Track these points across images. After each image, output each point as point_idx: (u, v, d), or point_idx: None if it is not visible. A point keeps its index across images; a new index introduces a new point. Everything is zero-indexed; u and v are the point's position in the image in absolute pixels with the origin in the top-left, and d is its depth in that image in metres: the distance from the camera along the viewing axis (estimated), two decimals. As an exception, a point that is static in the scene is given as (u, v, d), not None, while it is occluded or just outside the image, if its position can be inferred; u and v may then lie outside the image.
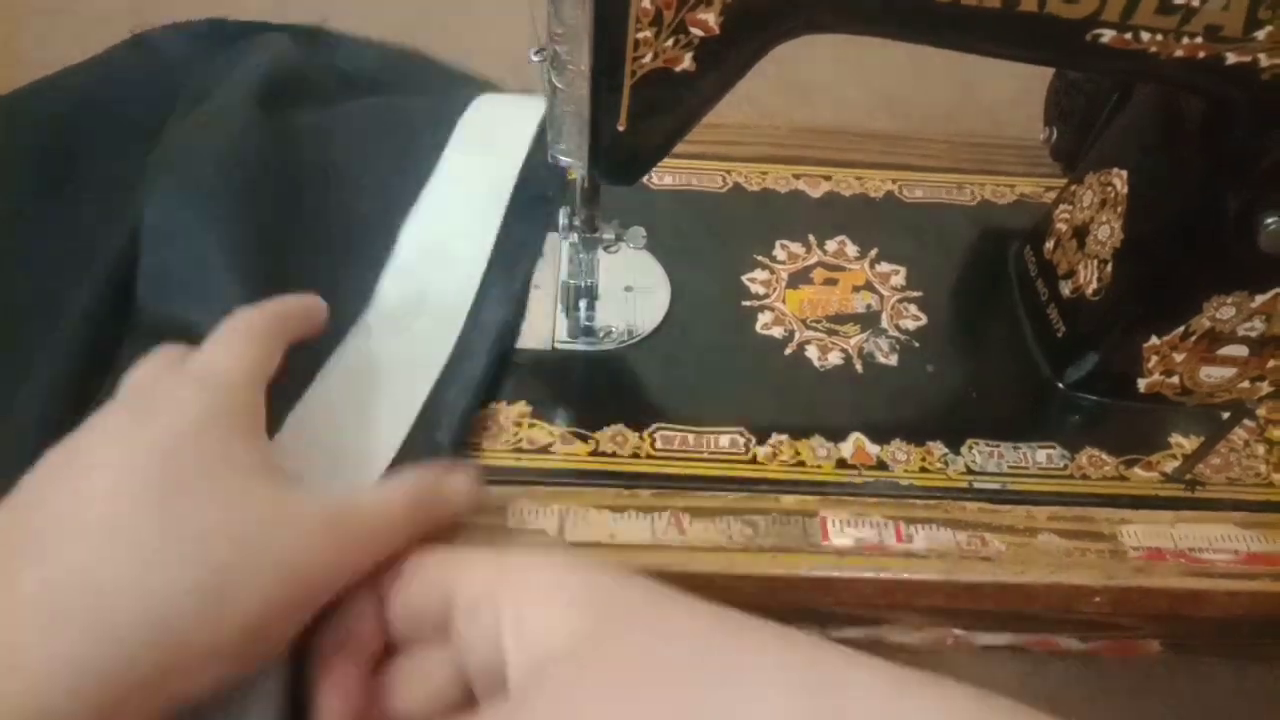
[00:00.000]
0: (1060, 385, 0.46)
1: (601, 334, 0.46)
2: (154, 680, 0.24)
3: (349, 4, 0.77)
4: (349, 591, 0.29)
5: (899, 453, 0.43)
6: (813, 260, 0.51)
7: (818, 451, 0.43)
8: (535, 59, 0.36)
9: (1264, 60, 0.33)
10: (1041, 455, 0.43)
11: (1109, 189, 0.44)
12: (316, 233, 0.43)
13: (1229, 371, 0.44)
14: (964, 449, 0.43)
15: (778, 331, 0.48)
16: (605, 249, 0.44)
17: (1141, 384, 0.45)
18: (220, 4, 0.76)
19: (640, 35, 0.33)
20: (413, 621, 0.29)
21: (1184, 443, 0.45)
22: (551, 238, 0.48)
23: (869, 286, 0.50)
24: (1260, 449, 0.45)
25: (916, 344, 0.47)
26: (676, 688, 0.22)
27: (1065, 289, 0.47)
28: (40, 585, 0.24)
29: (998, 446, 0.42)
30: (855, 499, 0.41)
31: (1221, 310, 0.41)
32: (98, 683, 0.23)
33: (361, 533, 0.29)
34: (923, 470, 0.42)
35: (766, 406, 0.44)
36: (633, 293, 0.48)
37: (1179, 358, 0.43)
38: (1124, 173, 0.44)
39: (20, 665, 0.23)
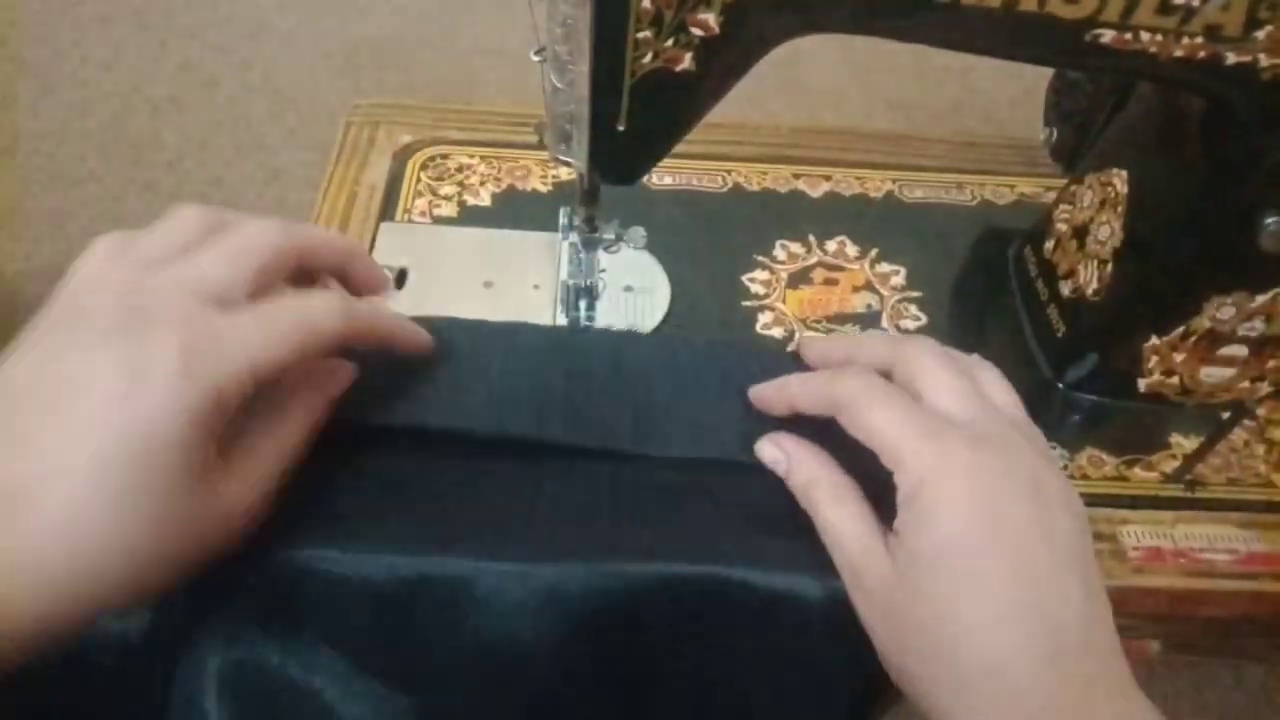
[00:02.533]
0: (1060, 385, 0.46)
1: (601, 334, 0.46)
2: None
3: (349, 6, 0.77)
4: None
5: (899, 453, 0.43)
6: (813, 260, 0.51)
7: (818, 451, 0.43)
8: (536, 59, 0.36)
9: (1264, 60, 0.33)
10: (1041, 455, 0.43)
11: (1109, 189, 0.44)
12: None
13: (1229, 371, 0.44)
14: (964, 449, 0.43)
15: (778, 331, 0.48)
16: (605, 249, 0.44)
17: (1141, 384, 0.45)
18: (222, 3, 0.76)
19: (640, 35, 0.33)
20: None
21: (1184, 443, 0.45)
22: (552, 238, 0.48)
23: (869, 286, 0.50)
24: (1260, 449, 0.45)
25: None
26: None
27: (1065, 289, 0.47)
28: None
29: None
30: (855, 499, 0.41)
31: (1221, 310, 0.41)
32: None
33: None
34: (923, 470, 0.42)
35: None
36: (633, 293, 0.48)
37: (1179, 358, 0.43)
38: (1124, 173, 0.44)
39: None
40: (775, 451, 0.35)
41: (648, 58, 0.33)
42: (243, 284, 0.30)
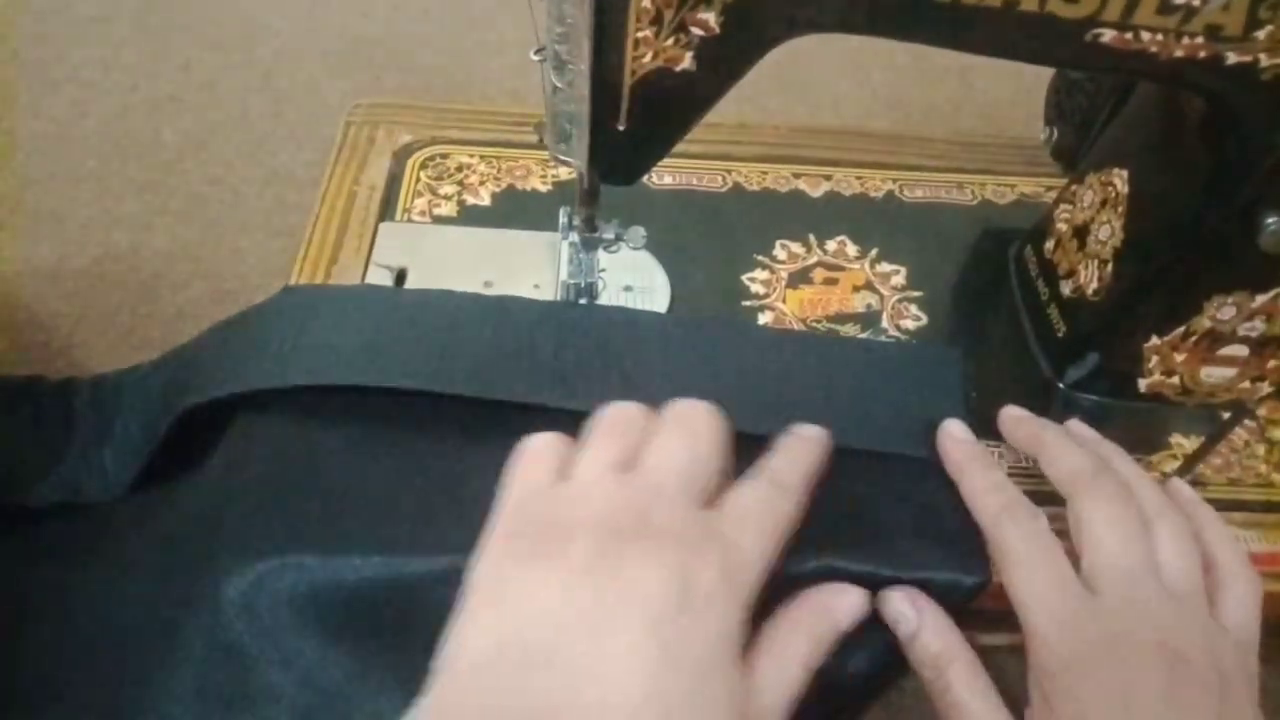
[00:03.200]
0: (1061, 385, 0.46)
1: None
2: None
3: (349, 6, 0.77)
4: None
5: (899, 453, 0.43)
6: (813, 260, 0.51)
7: (818, 451, 0.43)
8: (535, 59, 0.36)
9: (1264, 60, 0.33)
10: (1042, 455, 0.43)
11: (1109, 188, 0.44)
12: None
13: (1229, 371, 0.44)
14: (964, 449, 0.43)
15: (778, 331, 0.48)
16: (605, 249, 0.44)
17: (1142, 384, 0.45)
18: (222, 3, 0.76)
19: (640, 35, 0.33)
20: None
21: (1184, 443, 0.45)
22: (552, 237, 0.48)
23: (869, 286, 0.50)
24: (1260, 449, 0.45)
25: (917, 344, 0.47)
26: None
27: (1066, 289, 0.47)
28: None
29: (998, 446, 0.42)
30: (855, 499, 0.41)
31: (1222, 310, 0.41)
32: None
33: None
34: (923, 470, 0.42)
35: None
36: (633, 293, 0.48)
37: (1179, 358, 0.43)
38: (1125, 172, 0.44)
39: None
40: (906, 608, 0.32)
41: (648, 57, 0.33)
42: (718, 478, 0.30)
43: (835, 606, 0.31)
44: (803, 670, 0.28)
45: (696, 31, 0.33)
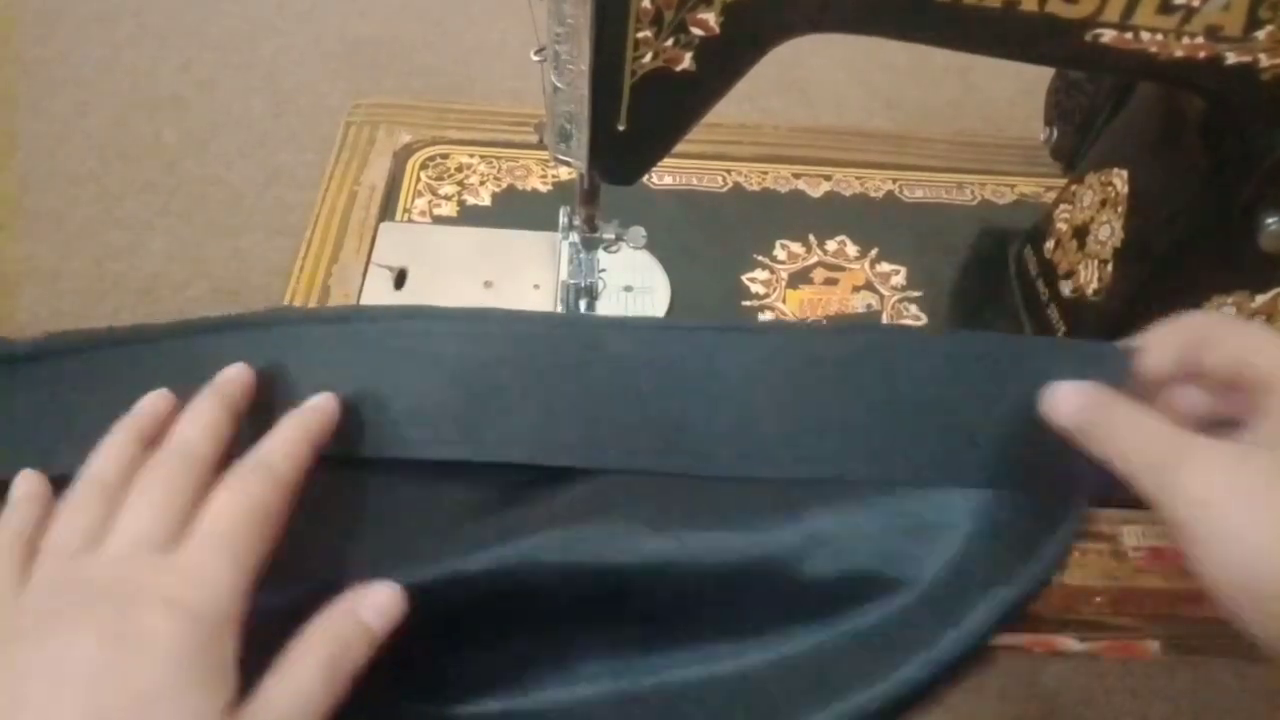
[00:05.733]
0: (1060, 385, 0.46)
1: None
2: None
3: (349, 6, 0.77)
4: None
5: (899, 453, 0.43)
6: (813, 260, 0.51)
7: (818, 451, 0.43)
8: (536, 59, 0.36)
9: (1264, 60, 0.33)
10: (1042, 455, 0.43)
11: (1109, 189, 0.44)
12: None
13: (1229, 371, 0.44)
14: (964, 449, 0.43)
15: (778, 331, 0.48)
16: (605, 249, 0.44)
17: (1142, 384, 0.45)
18: (222, 3, 0.76)
19: (640, 35, 0.33)
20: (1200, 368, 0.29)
21: (1184, 443, 0.44)
22: (552, 237, 0.48)
23: (869, 286, 0.50)
24: (1260, 449, 0.45)
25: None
26: None
27: (1065, 289, 0.47)
28: None
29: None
30: (855, 499, 0.41)
31: (1222, 310, 0.41)
32: None
33: None
34: (923, 470, 0.42)
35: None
36: (633, 293, 0.48)
37: (1179, 358, 0.43)
38: (1124, 172, 0.44)
39: None
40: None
41: (648, 57, 0.33)
42: (181, 519, 0.28)
43: (359, 606, 0.29)
44: (321, 676, 0.27)
45: (696, 31, 0.33)
